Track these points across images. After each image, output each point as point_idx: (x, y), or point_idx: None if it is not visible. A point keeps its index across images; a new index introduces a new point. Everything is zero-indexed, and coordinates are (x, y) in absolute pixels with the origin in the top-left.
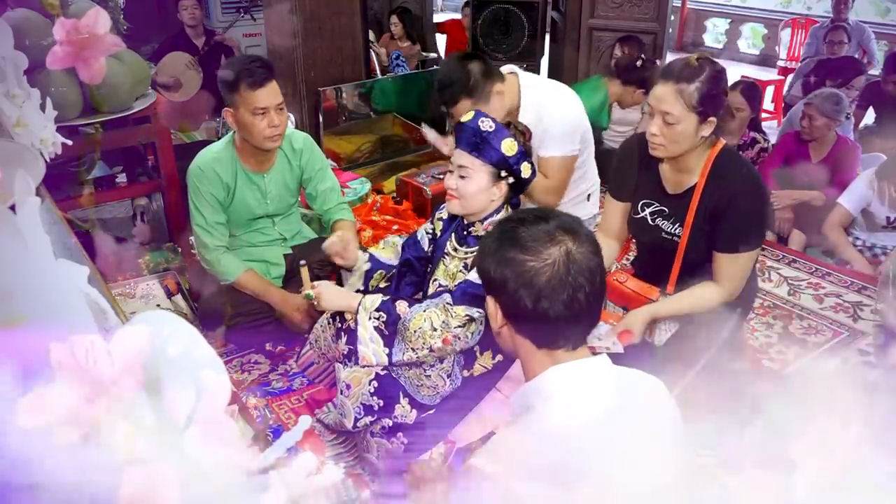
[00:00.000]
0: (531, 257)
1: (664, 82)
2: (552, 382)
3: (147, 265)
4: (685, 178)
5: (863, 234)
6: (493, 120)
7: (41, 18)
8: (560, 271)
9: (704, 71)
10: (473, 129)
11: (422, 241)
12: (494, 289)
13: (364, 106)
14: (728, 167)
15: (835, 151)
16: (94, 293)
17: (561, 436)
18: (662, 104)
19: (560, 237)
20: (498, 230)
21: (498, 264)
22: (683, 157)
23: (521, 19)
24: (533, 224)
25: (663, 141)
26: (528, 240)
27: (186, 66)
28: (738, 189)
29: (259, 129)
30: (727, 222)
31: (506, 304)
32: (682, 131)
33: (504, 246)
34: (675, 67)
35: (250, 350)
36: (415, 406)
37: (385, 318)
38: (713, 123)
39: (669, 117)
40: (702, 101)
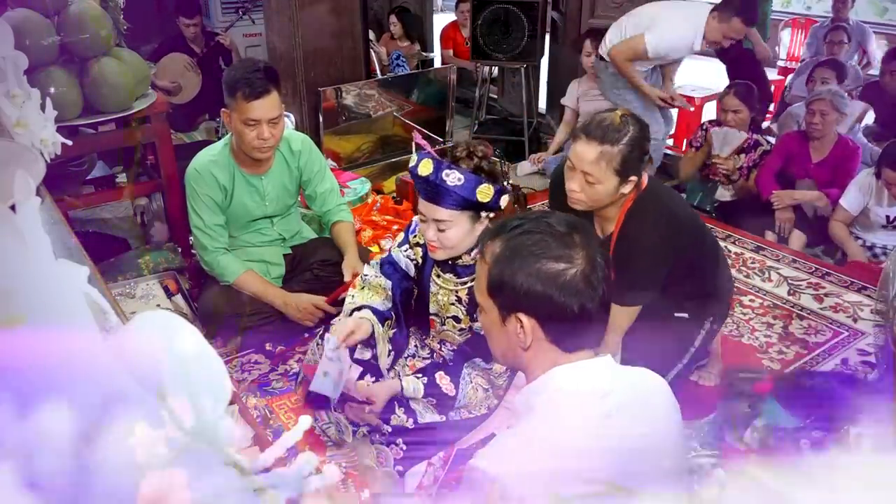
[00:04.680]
0: (566, 264)
1: (588, 141)
2: (554, 383)
3: (147, 265)
4: (606, 224)
5: (863, 234)
6: (457, 170)
7: (41, 18)
8: (587, 270)
9: (629, 132)
10: (440, 186)
11: (407, 269)
12: (531, 306)
13: (364, 105)
14: (638, 216)
15: (835, 151)
16: (95, 293)
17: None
18: (583, 164)
19: (573, 236)
20: (511, 246)
21: (534, 280)
22: (603, 209)
23: (521, 19)
24: (544, 230)
25: (583, 197)
26: (552, 247)
27: (185, 67)
28: (637, 240)
29: (248, 138)
30: (620, 273)
31: (547, 316)
32: (602, 190)
33: (530, 260)
34: (599, 126)
35: (250, 350)
36: (410, 415)
37: (435, 402)
38: (633, 182)
39: (591, 178)
40: (623, 163)
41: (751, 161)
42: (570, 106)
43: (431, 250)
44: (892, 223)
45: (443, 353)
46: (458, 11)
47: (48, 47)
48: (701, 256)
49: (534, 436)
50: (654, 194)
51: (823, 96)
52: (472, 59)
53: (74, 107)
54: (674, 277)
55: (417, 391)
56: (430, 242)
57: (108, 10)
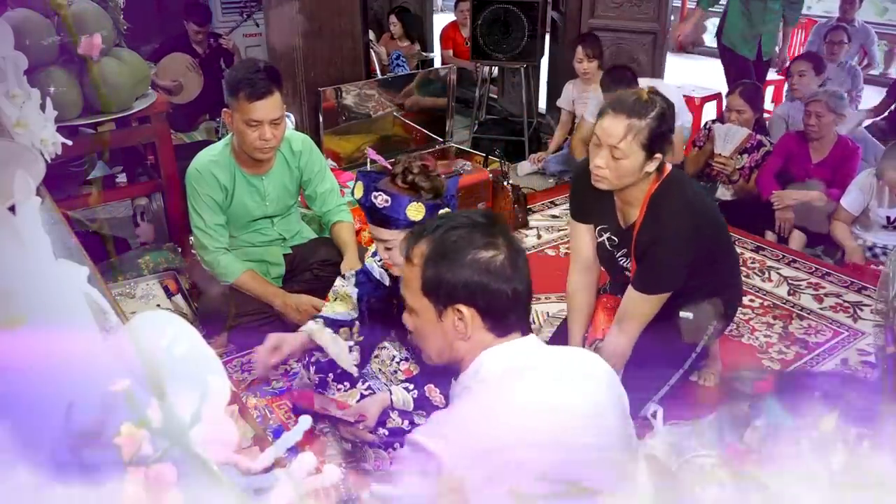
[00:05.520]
0: (493, 251)
1: (615, 115)
2: (487, 363)
3: (147, 265)
4: (630, 210)
5: (863, 234)
6: (384, 192)
7: (41, 18)
8: (513, 255)
9: (656, 107)
10: (373, 208)
11: (382, 278)
12: (469, 295)
13: (364, 105)
14: (662, 202)
15: (835, 152)
16: (95, 293)
17: (498, 409)
18: (611, 138)
19: (492, 226)
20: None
21: (469, 270)
22: (627, 190)
23: (521, 19)
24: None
25: (608, 174)
26: (477, 238)
27: (187, 68)
28: (663, 226)
29: (250, 139)
30: (647, 260)
31: (484, 303)
32: (628, 166)
33: (461, 253)
34: (626, 101)
35: (250, 350)
36: (406, 416)
37: (425, 414)
38: (659, 160)
39: (617, 152)
40: (651, 137)
41: (753, 161)
42: (565, 108)
43: (387, 267)
44: (892, 223)
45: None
46: (458, 11)
47: (48, 47)
48: (719, 250)
49: (469, 414)
50: (678, 181)
51: (819, 98)
52: (472, 59)
53: (74, 107)
54: (692, 269)
55: (407, 404)
56: (385, 261)
57: (108, 10)
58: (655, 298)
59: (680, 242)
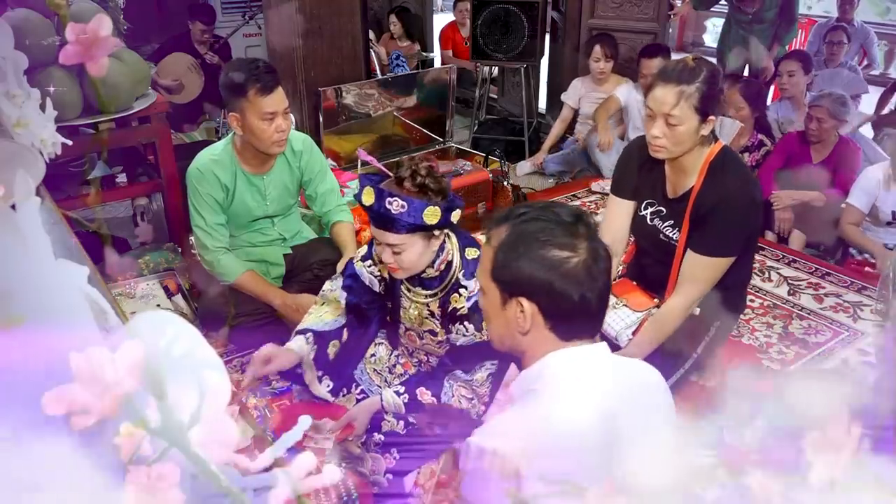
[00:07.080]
0: (569, 252)
1: (664, 84)
2: (553, 366)
3: (147, 265)
4: (684, 179)
5: (867, 232)
6: (399, 197)
7: (41, 18)
8: (590, 261)
9: (703, 71)
10: (386, 215)
11: (371, 284)
12: (533, 291)
13: (364, 105)
14: (723, 168)
15: (836, 152)
16: (95, 293)
17: (563, 414)
18: (664, 106)
19: (577, 226)
20: (517, 231)
21: (538, 266)
22: (683, 158)
23: (521, 19)
24: (550, 218)
25: (666, 143)
26: (557, 235)
27: (189, 68)
28: (729, 191)
29: (268, 134)
30: (711, 223)
31: (547, 303)
32: (685, 132)
33: (535, 246)
34: (673, 69)
35: (250, 350)
36: (401, 418)
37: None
38: (713, 122)
39: (672, 119)
40: (702, 100)
41: (754, 161)
42: (569, 103)
43: (391, 271)
44: None
45: (430, 363)
46: (457, 11)
47: (48, 47)
48: (753, 238)
49: (534, 414)
50: (732, 154)
51: (822, 103)
52: (472, 59)
53: (74, 107)
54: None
55: (399, 407)
56: (388, 265)
57: (108, 10)
58: (721, 263)
59: (744, 208)
